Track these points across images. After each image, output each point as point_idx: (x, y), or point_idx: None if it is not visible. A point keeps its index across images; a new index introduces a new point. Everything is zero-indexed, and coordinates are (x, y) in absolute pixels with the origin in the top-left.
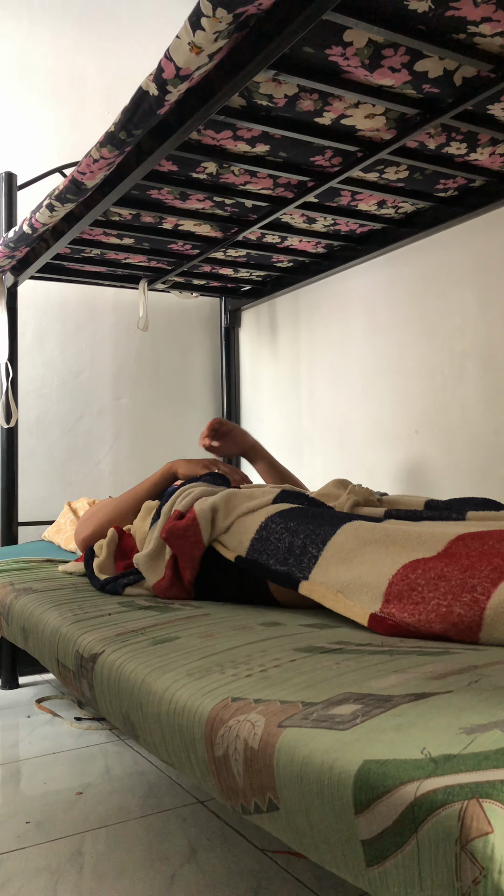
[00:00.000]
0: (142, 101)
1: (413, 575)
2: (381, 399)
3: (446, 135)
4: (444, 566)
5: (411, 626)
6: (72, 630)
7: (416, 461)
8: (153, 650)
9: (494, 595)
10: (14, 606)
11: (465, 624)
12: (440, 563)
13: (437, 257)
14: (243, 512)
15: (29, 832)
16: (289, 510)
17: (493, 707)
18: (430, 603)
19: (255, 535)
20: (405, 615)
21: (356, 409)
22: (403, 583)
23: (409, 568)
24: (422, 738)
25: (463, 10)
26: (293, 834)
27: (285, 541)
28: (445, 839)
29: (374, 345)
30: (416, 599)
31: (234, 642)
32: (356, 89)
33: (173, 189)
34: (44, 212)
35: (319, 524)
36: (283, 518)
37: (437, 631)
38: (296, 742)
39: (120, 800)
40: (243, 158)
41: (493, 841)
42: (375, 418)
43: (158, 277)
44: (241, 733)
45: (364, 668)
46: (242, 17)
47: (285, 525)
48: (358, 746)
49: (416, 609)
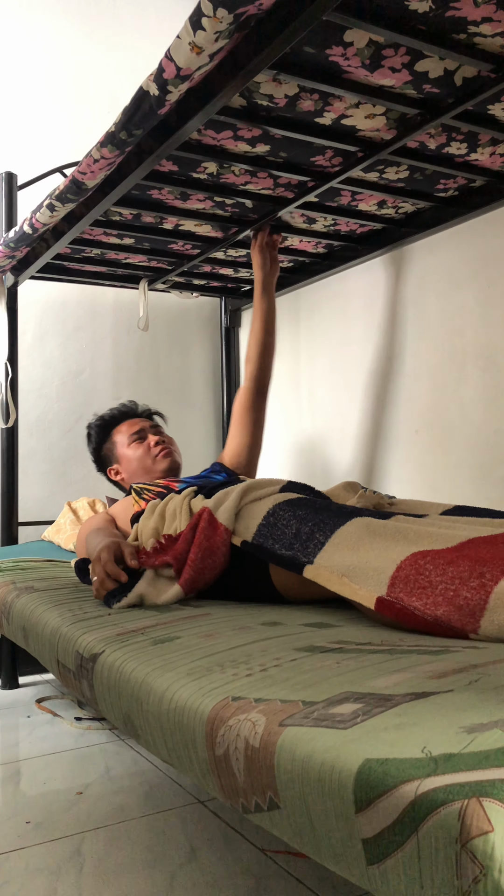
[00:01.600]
0: (142, 101)
1: (423, 561)
2: (381, 399)
3: (447, 135)
4: (454, 555)
5: (417, 610)
6: (72, 630)
7: (416, 461)
8: (153, 650)
9: (502, 581)
10: (15, 605)
11: (470, 607)
12: (451, 553)
13: (437, 257)
14: (251, 500)
15: (29, 832)
16: (297, 499)
17: (494, 706)
18: (437, 587)
19: (262, 521)
20: (413, 599)
21: (356, 409)
22: (412, 567)
23: (419, 555)
24: (422, 737)
25: (463, 11)
26: (294, 833)
27: (293, 527)
28: (446, 838)
29: (374, 345)
30: (424, 584)
31: (235, 642)
32: (356, 89)
33: (174, 189)
34: (44, 212)
35: (329, 515)
36: (292, 506)
37: (440, 615)
38: (296, 741)
39: (120, 800)
40: (244, 158)
41: (494, 840)
42: (375, 418)
43: (158, 277)
44: (241, 732)
45: (364, 668)
46: (243, 17)
47: (293, 513)
48: (359, 745)
49: (423, 593)
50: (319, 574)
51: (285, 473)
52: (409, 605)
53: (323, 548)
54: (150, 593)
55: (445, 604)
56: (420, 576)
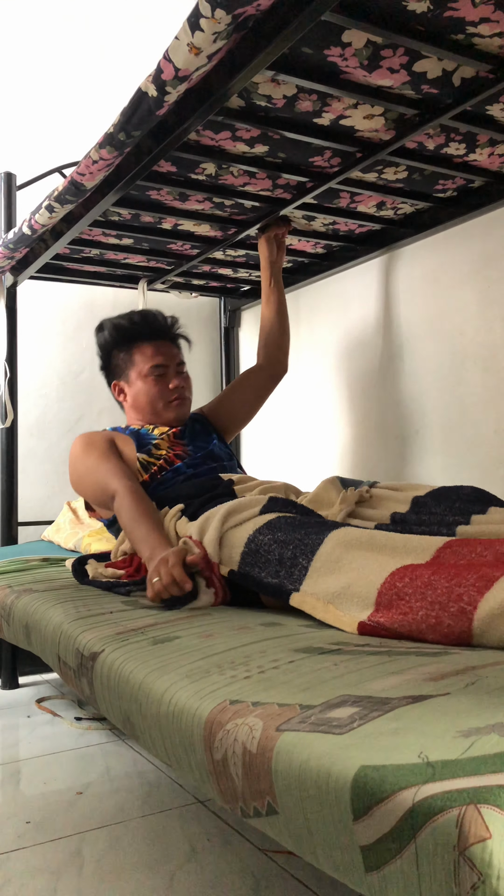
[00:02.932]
0: (141, 102)
1: (401, 584)
2: (382, 399)
3: (445, 135)
4: (431, 574)
5: (402, 633)
6: (73, 627)
7: (417, 461)
8: (152, 650)
9: (481, 605)
10: (16, 606)
11: (456, 634)
12: (427, 571)
13: (436, 257)
14: (231, 525)
15: (29, 832)
16: (276, 520)
17: (491, 710)
18: (417, 613)
19: (245, 549)
20: (395, 625)
21: (357, 408)
22: (391, 591)
23: (397, 576)
24: (419, 742)
25: (462, 11)
26: (292, 838)
27: (275, 553)
28: (444, 845)
29: (373, 345)
30: (405, 609)
31: (234, 643)
32: (355, 90)
33: (172, 190)
34: (43, 213)
35: (307, 532)
36: (272, 530)
37: (430, 640)
38: (293, 747)
39: (120, 800)
40: (242, 159)
41: (492, 847)
42: (375, 418)
43: (158, 277)
44: (239, 737)
45: (362, 670)
46: (241, 17)
47: (273, 537)
48: (355, 751)
49: (404, 619)
50: (305, 601)
51: (285, 474)
52: (393, 629)
53: (307, 574)
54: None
55: (430, 631)
56: (401, 601)
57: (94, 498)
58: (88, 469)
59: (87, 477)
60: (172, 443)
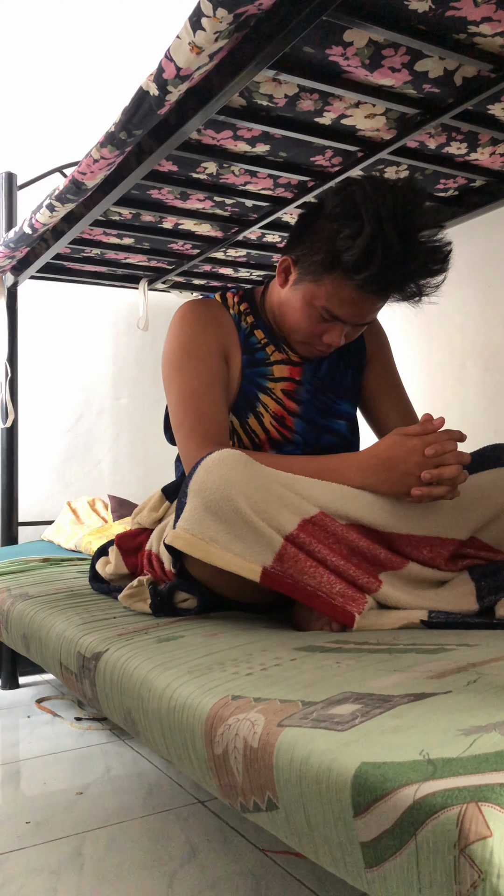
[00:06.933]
0: (142, 101)
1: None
2: None
3: (446, 135)
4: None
5: (309, 587)
6: (75, 632)
7: None
8: (157, 647)
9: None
10: (13, 612)
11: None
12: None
13: None
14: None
15: (29, 832)
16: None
17: (492, 708)
18: (320, 578)
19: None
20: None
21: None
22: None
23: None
24: (421, 740)
25: (463, 10)
26: (292, 834)
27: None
28: (444, 842)
29: None
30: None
31: (237, 641)
32: (356, 89)
33: (173, 189)
34: (44, 212)
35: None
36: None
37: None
38: (295, 742)
39: (120, 800)
40: (243, 158)
41: (492, 845)
42: None
43: (158, 277)
44: (240, 732)
45: (364, 668)
46: (243, 17)
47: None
48: (356, 748)
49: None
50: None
51: None
52: (299, 583)
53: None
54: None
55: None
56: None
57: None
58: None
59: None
60: (282, 423)
